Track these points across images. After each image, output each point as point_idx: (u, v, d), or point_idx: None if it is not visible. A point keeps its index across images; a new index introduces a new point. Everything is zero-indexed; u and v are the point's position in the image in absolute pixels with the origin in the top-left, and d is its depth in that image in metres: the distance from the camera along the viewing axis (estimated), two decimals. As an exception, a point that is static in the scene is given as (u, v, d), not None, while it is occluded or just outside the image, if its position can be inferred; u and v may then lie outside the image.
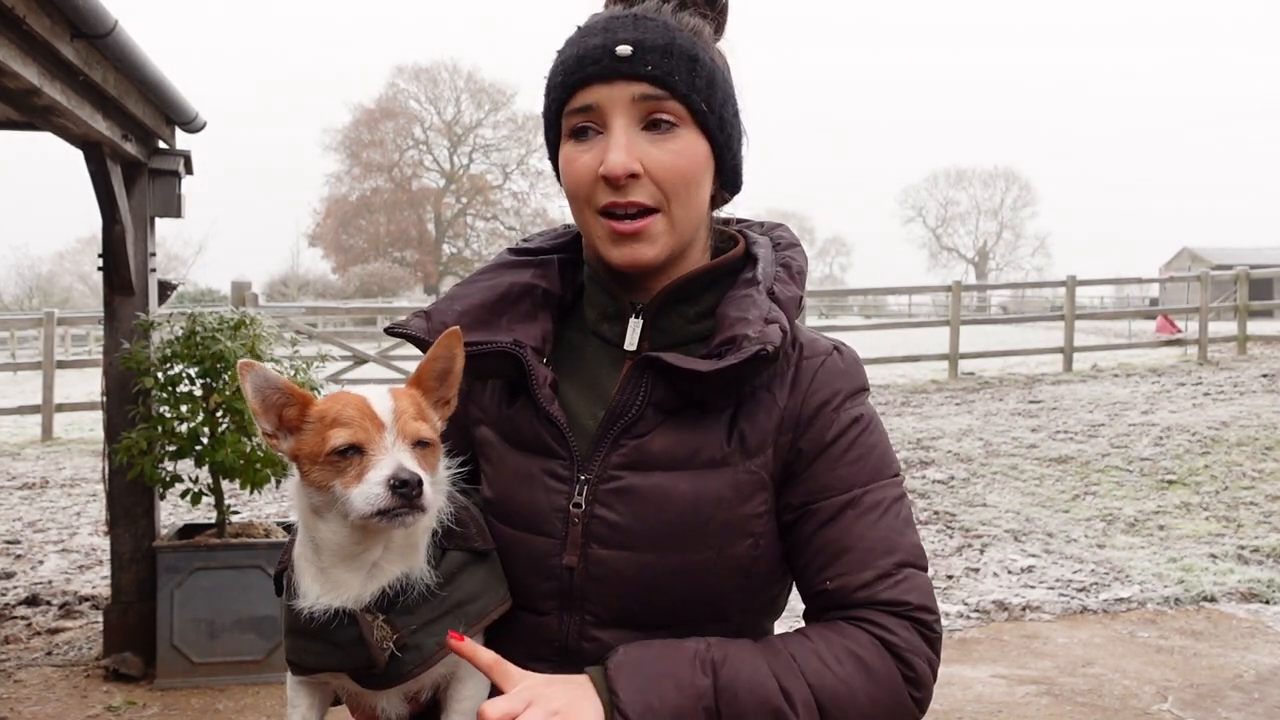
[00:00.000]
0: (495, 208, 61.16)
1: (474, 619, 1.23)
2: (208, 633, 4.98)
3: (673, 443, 1.23)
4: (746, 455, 1.24)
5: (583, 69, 1.22)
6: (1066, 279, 18.01)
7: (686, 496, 1.21)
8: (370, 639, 1.18)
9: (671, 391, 1.23)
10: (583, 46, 1.23)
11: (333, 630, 1.19)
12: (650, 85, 1.20)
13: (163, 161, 5.44)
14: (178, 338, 5.06)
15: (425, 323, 1.31)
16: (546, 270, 1.37)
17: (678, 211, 1.24)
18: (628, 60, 1.20)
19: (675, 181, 1.22)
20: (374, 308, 24.68)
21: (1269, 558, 6.95)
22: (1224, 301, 20.85)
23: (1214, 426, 10.56)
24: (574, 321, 1.38)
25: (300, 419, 1.21)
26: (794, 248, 1.37)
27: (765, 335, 1.20)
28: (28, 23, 3.58)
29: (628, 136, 1.21)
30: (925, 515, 8.08)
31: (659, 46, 1.21)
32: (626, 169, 1.20)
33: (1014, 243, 75.30)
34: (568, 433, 1.26)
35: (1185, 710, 4.65)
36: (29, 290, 49.34)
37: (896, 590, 1.20)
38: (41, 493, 9.74)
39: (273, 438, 1.22)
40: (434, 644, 1.20)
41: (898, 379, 16.27)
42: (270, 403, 1.21)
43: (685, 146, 1.23)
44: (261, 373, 1.20)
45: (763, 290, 1.27)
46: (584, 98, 1.22)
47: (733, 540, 1.23)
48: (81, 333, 27.55)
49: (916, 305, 45.30)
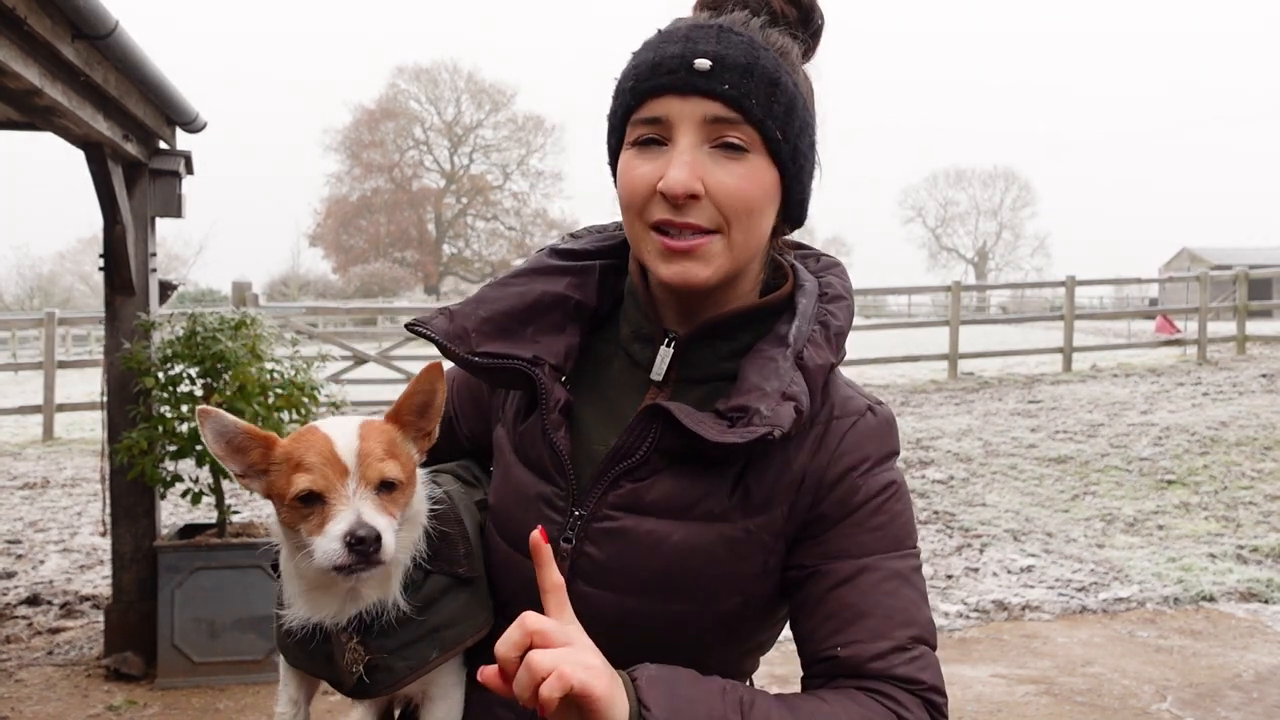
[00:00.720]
0: (495, 208, 61.17)
1: (450, 645, 1.23)
2: (208, 632, 4.99)
3: (673, 491, 1.19)
4: (748, 513, 1.19)
5: (656, 78, 1.16)
6: (1066, 279, 18.01)
7: (678, 546, 1.17)
8: (340, 660, 1.19)
9: (680, 441, 1.18)
10: (660, 53, 1.16)
11: (310, 646, 1.22)
12: (725, 106, 1.14)
13: (163, 162, 5.45)
14: (178, 338, 5.07)
15: (448, 324, 1.26)
16: (584, 279, 1.32)
17: (737, 237, 1.17)
18: (705, 76, 1.14)
19: (738, 208, 1.16)
20: (374, 308, 24.67)
21: (1268, 557, 6.95)
22: (1223, 301, 20.86)
23: (1213, 426, 10.56)
24: (607, 332, 1.32)
25: (265, 460, 1.20)
26: (839, 301, 1.28)
27: (776, 416, 1.13)
28: (29, 23, 3.59)
29: (693, 155, 1.15)
30: (925, 515, 8.09)
31: (739, 65, 1.14)
32: (687, 189, 1.13)
33: (1013, 243, 75.36)
34: (567, 465, 1.23)
35: (1184, 710, 4.65)
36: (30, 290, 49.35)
37: (912, 667, 1.14)
38: (42, 492, 9.75)
39: (244, 478, 1.21)
40: (405, 667, 1.20)
41: (897, 379, 16.28)
42: (235, 445, 1.20)
43: (753, 173, 1.16)
44: (219, 418, 1.19)
45: (790, 355, 1.20)
46: (654, 108, 1.16)
47: (720, 596, 1.19)
48: (82, 333, 27.56)
49: (916, 305, 45.31)
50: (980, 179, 74.85)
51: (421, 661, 1.21)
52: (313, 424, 1.24)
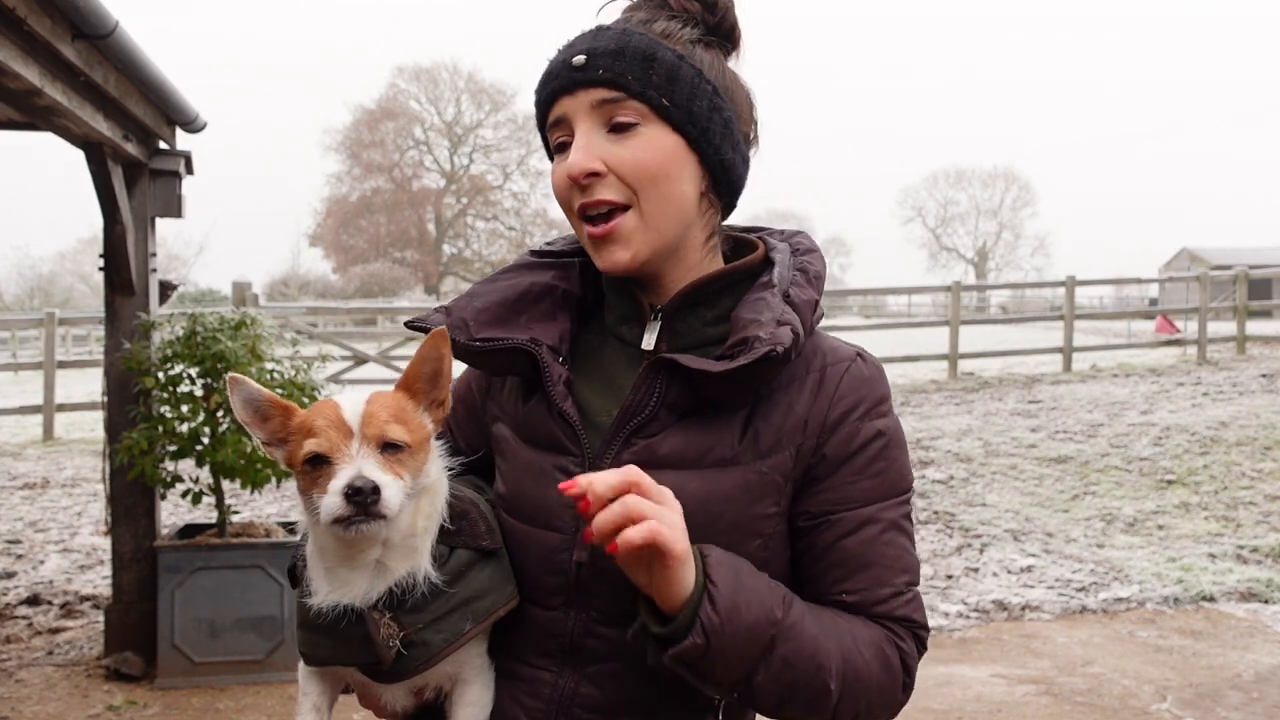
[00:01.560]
0: (495, 208, 61.12)
1: (481, 615, 1.24)
2: (208, 632, 4.99)
3: (684, 443, 1.24)
4: (759, 456, 1.25)
5: (548, 84, 1.28)
6: (1066, 279, 18.01)
7: (696, 495, 1.22)
8: (376, 637, 1.19)
9: (686, 392, 1.25)
10: (549, 65, 1.29)
11: (341, 627, 1.21)
12: (605, 89, 1.24)
13: (163, 162, 5.45)
14: (178, 338, 5.07)
15: (446, 318, 1.32)
16: (568, 272, 1.39)
17: (648, 206, 1.25)
18: (582, 69, 1.24)
19: (640, 175, 1.24)
20: (374, 308, 24.68)
21: (1268, 557, 6.95)
22: (1223, 302, 20.87)
23: (1213, 426, 10.56)
24: (594, 324, 1.39)
25: (284, 429, 1.24)
26: (812, 253, 1.38)
27: (776, 336, 1.21)
28: (29, 23, 3.59)
29: (589, 139, 1.24)
30: (925, 515, 8.09)
31: (610, 51, 1.24)
32: (584, 168, 1.23)
33: (1013, 243, 75.33)
34: (580, 430, 1.27)
35: (1184, 710, 4.65)
36: (30, 290, 49.37)
37: (908, 609, 1.26)
38: (42, 493, 9.75)
39: (268, 445, 1.25)
40: (440, 640, 1.21)
41: (898, 379, 16.28)
42: (261, 413, 1.24)
43: (648, 142, 1.24)
44: (247, 385, 1.22)
45: (778, 293, 1.28)
46: (554, 111, 1.28)
47: (741, 540, 1.23)
48: (82, 333, 27.56)
49: (916, 305, 45.30)
50: (980, 179, 74.87)
51: (456, 634, 1.22)
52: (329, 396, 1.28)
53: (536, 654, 1.27)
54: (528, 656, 1.28)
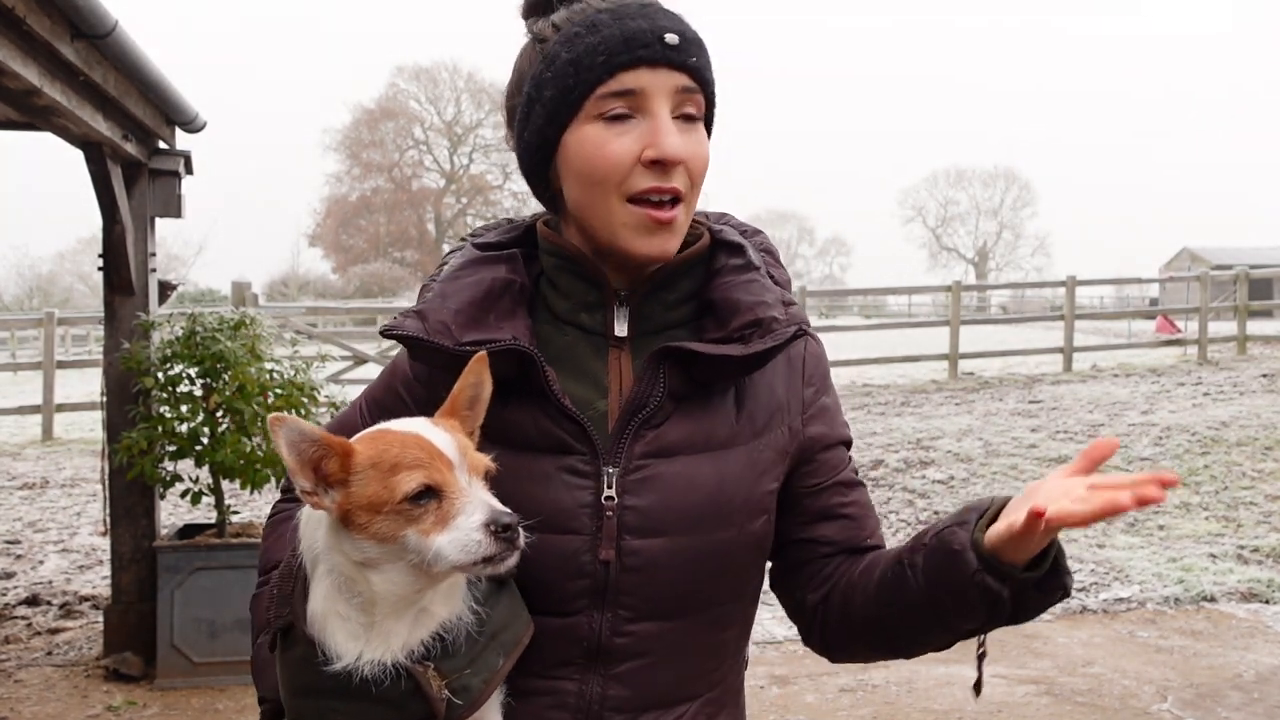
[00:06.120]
0: (495, 208, 61.10)
1: (510, 647, 1.18)
2: (208, 633, 4.98)
3: (688, 429, 1.26)
4: (755, 434, 1.29)
5: (631, 50, 1.19)
6: (1066, 279, 18.01)
7: (711, 478, 1.25)
8: (430, 692, 1.10)
9: (683, 379, 1.25)
10: (625, 29, 1.20)
11: (382, 688, 1.10)
12: (691, 78, 1.22)
13: (163, 161, 5.45)
14: (178, 338, 5.07)
15: (421, 323, 1.25)
16: (514, 265, 1.34)
17: (691, 201, 1.27)
18: (675, 49, 1.21)
19: (699, 171, 1.25)
20: (374, 308, 24.69)
21: (1269, 558, 6.95)
22: (1224, 301, 20.85)
23: (1214, 426, 10.56)
24: (540, 315, 1.33)
25: (345, 470, 1.09)
26: (760, 234, 1.41)
27: (793, 316, 1.27)
28: (28, 23, 3.58)
29: (671, 123, 1.22)
30: (925, 515, 8.08)
31: (696, 40, 1.24)
32: (681, 154, 1.21)
33: (1014, 243, 75.34)
34: (589, 427, 1.24)
35: (1185, 710, 4.65)
36: (29, 290, 49.37)
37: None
38: (42, 493, 9.74)
39: (312, 495, 1.09)
40: (479, 683, 1.14)
41: (898, 379, 16.27)
42: (306, 457, 1.08)
43: (703, 138, 1.26)
44: (295, 425, 1.08)
45: (763, 274, 1.31)
46: (626, 80, 1.19)
47: (752, 517, 1.28)
48: (82, 333, 27.54)
49: (916, 305, 45.27)
50: (980, 179, 74.88)
51: (492, 672, 1.15)
52: (379, 428, 1.15)
53: (556, 664, 1.23)
54: (544, 670, 1.23)
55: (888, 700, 4.81)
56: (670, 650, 1.25)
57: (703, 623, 1.27)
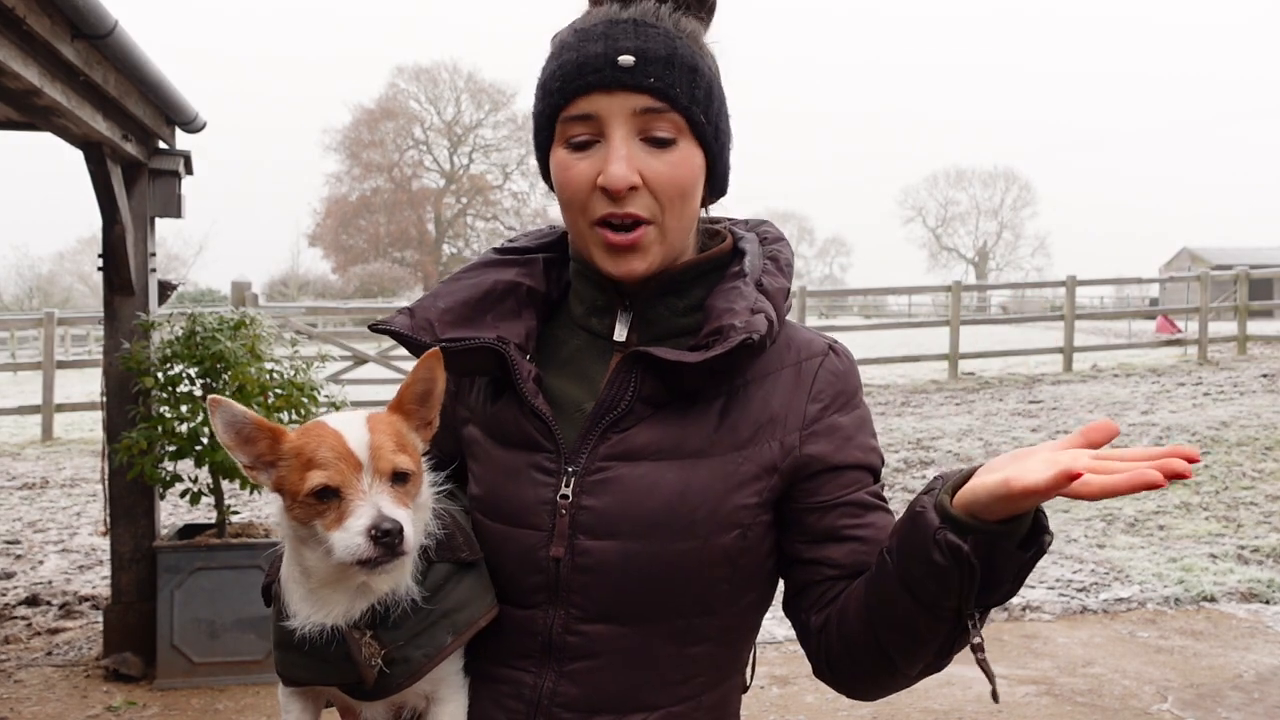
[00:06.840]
0: (495, 208, 61.15)
1: (462, 628, 1.24)
2: (208, 633, 4.98)
3: (659, 435, 1.24)
4: (736, 447, 1.25)
5: (583, 76, 1.20)
6: (1066, 279, 18.02)
7: (674, 485, 1.22)
8: (358, 657, 1.18)
9: (660, 385, 1.24)
10: (582, 53, 1.20)
11: (322, 647, 1.20)
12: (652, 98, 1.19)
13: (163, 161, 5.44)
14: (178, 338, 5.07)
15: (409, 319, 1.30)
16: (531, 269, 1.37)
17: (671, 223, 1.24)
18: (630, 71, 1.18)
19: (673, 194, 1.22)
20: (374, 308, 24.65)
21: (1269, 558, 6.95)
22: (1224, 301, 20.86)
23: (1214, 426, 10.56)
24: (561, 319, 1.37)
25: (274, 453, 1.20)
26: (780, 241, 1.38)
27: (751, 325, 1.21)
28: (28, 23, 3.58)
29: (628, 148, 1.20)
30: (925, 515, 8.08)
31: (661, 58, 1.20)
32: (627, 182, 1.19)
33: (1014, 243, 75.34)
34: (554, 426, 1.26)
35: (1185, 710, 4.65)
36: (29, 290, 49.38)
37: None
38: (41, 493, 9.75)
39: (252, 469, 1.21)
40: (421, 656, 1.21)
41: (898, 379, 16.28)
42: (244, 435, 1.20)
43: (683, 159, 1.22)
44: (229, 407, 1.19)
45: (750, 282, 1.28)
46: (583, 106, 1.21)
47: (719, 530, 1.23)
48: (81, 333, 27.56)
49: (916, 305, 45.29)
50: (980, 179, 74.89)
51: (437, 648, 1.21)
52: (318, 419, 1.23)
53: (516, 655, 1.26)
54: (507, 658, 1.27)
55: (888, 700, 4.81)
56: (625, 656, 1.23)
57: (663, 634, 1.24)
